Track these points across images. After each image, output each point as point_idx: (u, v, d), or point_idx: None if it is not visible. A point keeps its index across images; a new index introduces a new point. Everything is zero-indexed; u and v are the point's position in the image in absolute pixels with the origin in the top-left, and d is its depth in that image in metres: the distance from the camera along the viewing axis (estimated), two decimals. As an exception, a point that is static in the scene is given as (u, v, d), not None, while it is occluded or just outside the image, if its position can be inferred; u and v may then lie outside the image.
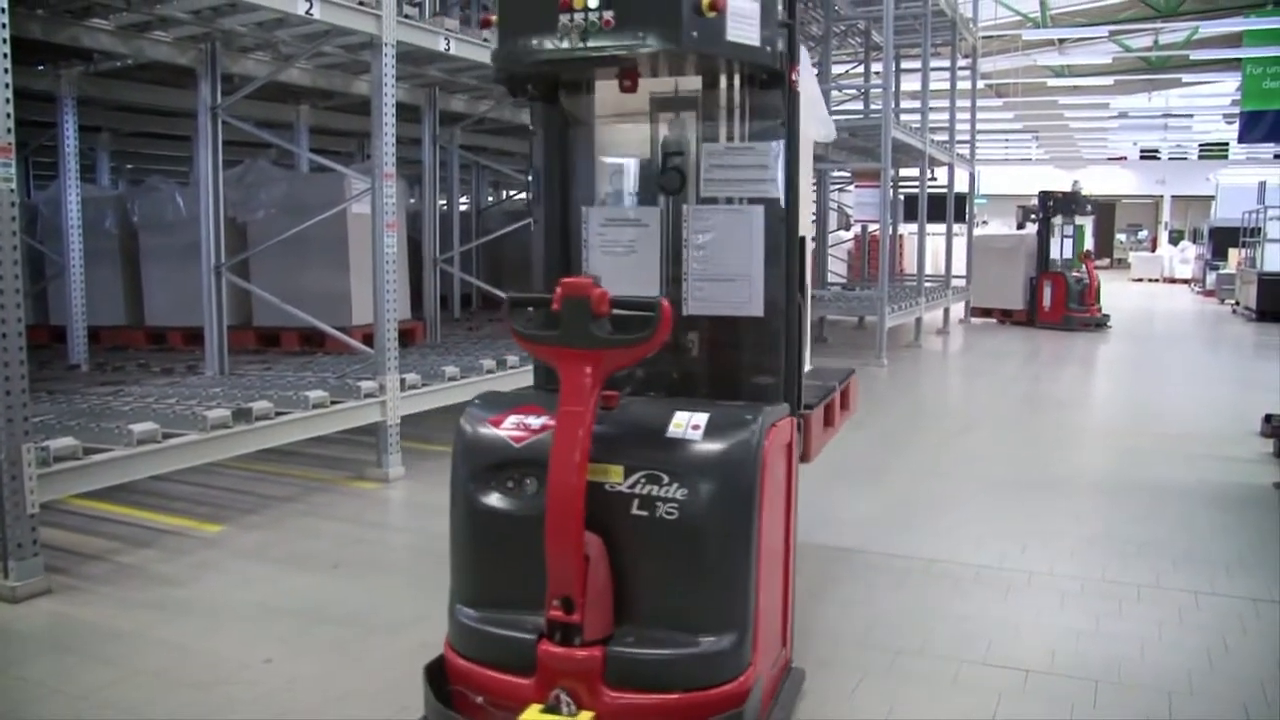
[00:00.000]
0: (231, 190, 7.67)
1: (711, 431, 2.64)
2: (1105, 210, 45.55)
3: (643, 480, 2.61)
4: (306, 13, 5.64)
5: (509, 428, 2.77)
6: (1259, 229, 20.45)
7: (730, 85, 3.03)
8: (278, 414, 5.51)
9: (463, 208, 12.65)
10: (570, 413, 2.53)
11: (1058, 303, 16.41)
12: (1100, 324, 16.29)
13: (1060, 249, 17.05)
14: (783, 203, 3.00)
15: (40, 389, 6.16)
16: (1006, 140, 40.18)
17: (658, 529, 2.59)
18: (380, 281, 6.23)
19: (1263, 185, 23.65)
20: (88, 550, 4.92)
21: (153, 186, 9.16)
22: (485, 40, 7.16)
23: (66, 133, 7.41)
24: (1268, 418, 7.66)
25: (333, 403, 5.87)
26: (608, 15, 2.48)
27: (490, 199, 15.08)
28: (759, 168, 2.99)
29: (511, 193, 15.61)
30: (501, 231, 10.51)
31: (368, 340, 6.81)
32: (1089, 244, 17.39)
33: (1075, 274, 16.60)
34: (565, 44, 2.54)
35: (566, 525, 2.49)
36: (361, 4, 5.98)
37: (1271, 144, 29.03)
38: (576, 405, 2.53)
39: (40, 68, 7.28)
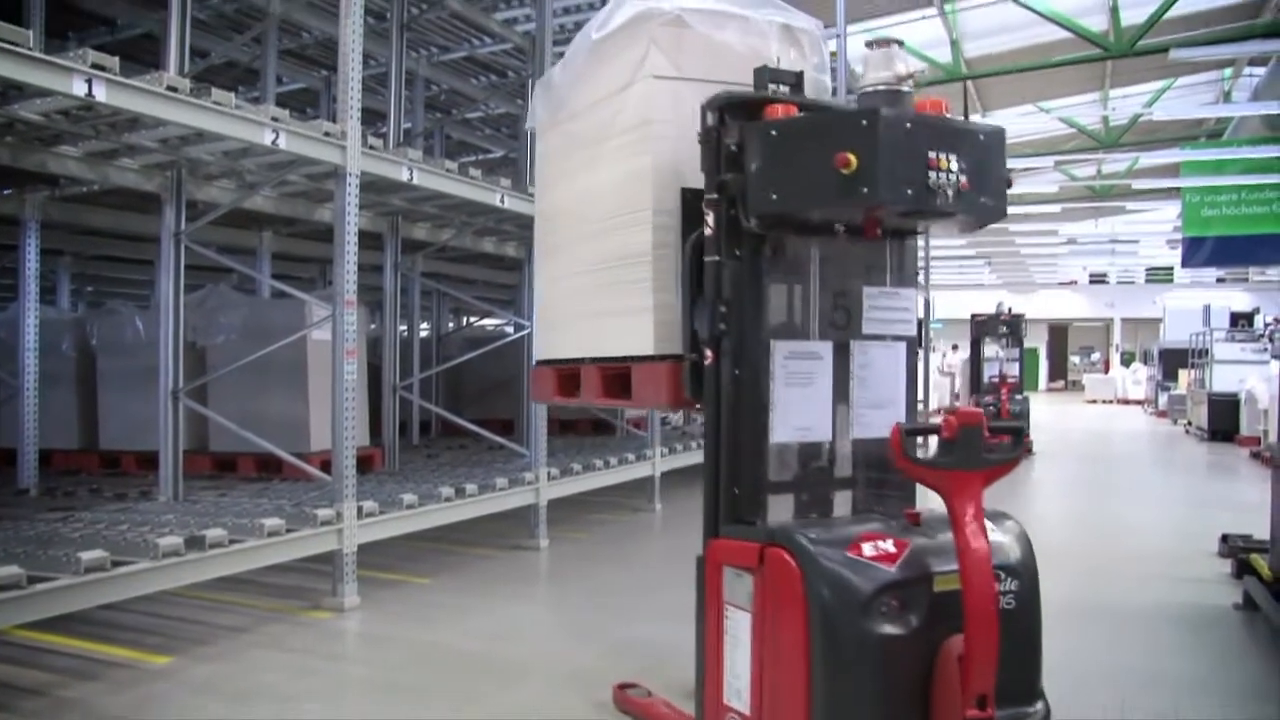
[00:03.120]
0: (192, 314, 7.67)
1: (1003, 532, 3.07)
2: (1058, 333, 46.63)
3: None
4: (272, 143, 5.74)
5: (872, 554, 2.84)
6: (1206, 350, 20.94)
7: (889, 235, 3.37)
8: (232, 541, 5.40)
9: (423, 334, 12.69)
10: (975, 528, 2.77)
11: None
12: None
13: (999, 371, 16.64)
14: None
15: (-14, 515, 6.04)
16: (960, 265, 41.12)
17: (1002, 619, 2.80)
18: (339, 408, 6.21)
19: (1207, 308, 24.34)
20: (27, 684, 4.76)
21: (112, 310, 9.13)
22: (448, 171, 7.32)
23: (28, 256, 7.40)
24: (1224, 538, 7.73)
25: (288, 530, 5.77)
26: (964, 179, 2.86)
27: (451, 325, 15.16)
28: (904, 309, 3.40)
29: (472, 319, 15.70)
30: (462, 358, 10.54)
31: (326, 467, 6.75)
32: (995, 370, 17.06)
33: (989, 399, 16.16)
34: (935, 199, 2.85)
35: (988, 627, 2.72)
36: (327, 135, 6.09)
37: (1214, 268, 29.97)
38: (977, 521, 2.79)
39: (6, 192, 7.31)
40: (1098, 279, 43.40)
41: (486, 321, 15.92)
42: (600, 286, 3.83)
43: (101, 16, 8.71)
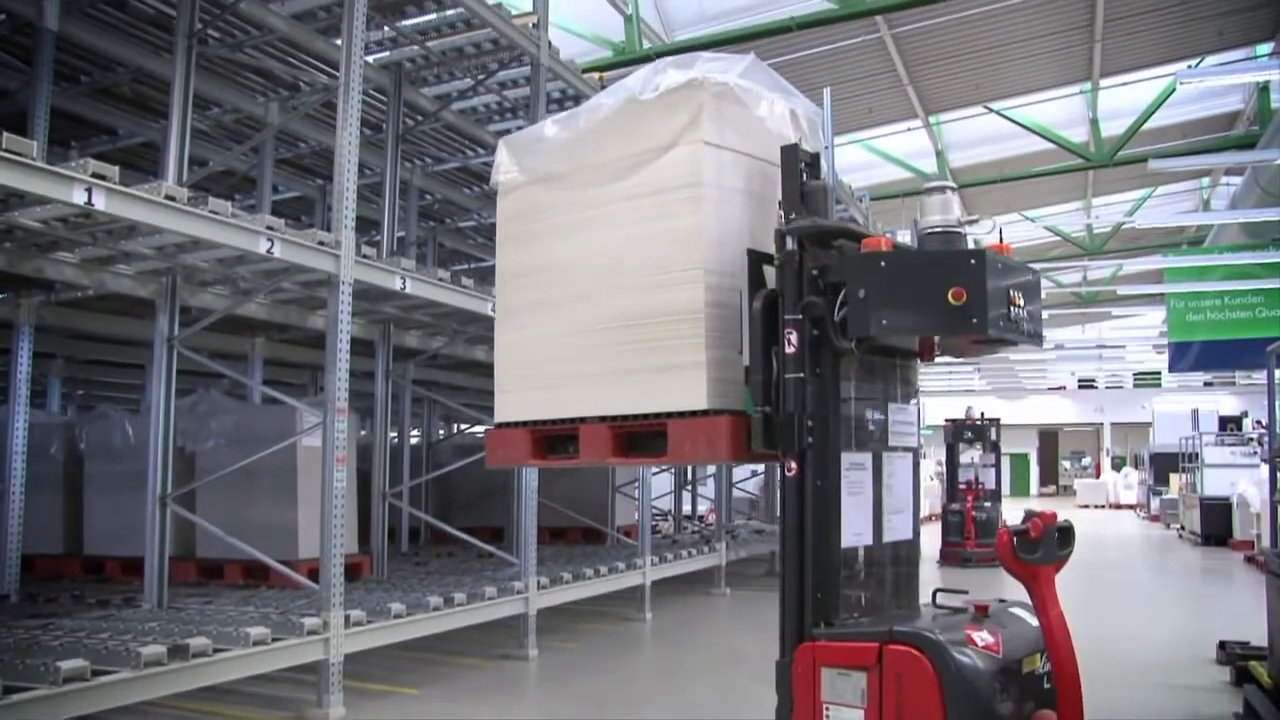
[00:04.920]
0: (182, 419, 7.65)
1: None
2: (1048, 438, 46.64)
3: (1042, 660, 3.32)
4: (267, 251, 5.81)
5: (983, 644, 3.18)
6: (1196, 454, 20.95)
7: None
8: (216, 651, 5.31)
9: (414, 441, 12.66)
10: (1059, 614, 3.28)
11: (944, 538, 15.68)
12: (969, 559, 14.82)
13: (973, 477, 16.31)
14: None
15: (-37, 623, 5.94)
16: (950, 372, 41.34)
17: (1050, 693, 3.28)
18: (328, 516, 6.17)
19: (1195, 412, 24.42)
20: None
21: (102, 413, 9.11)
22: (440, 279, 7.40)
23: (20, 359, 7.40)
24: (1222, 644, 7.64)
25: (274, 639, 5.68)
26: (1029, 311, 3.35)
27: (441, 433, 15.14)
28: (913, 423, 3.79)
29: (463, 427, 15.68)
30: (452, 466, 10.49)
31: (313, 574, 6.66)
32: (970, 476, 16.35)
33: (954, 506, 15.67)
34: (1014, 329, 3.29)
35: (1077, 699, 3.18)
36: (321, 244, 6.17)
37: (1200, 372, 30.18)
38: (1058, 607, 3.29)
39: (1, 296, 7.36)
40: (1086, 384, 43.63)
41: (477, 429, 15.90)
42: (621, 343, 3.79)
43: (103, 126, 8.89)
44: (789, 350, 3.36)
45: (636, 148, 3.80)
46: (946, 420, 17.10)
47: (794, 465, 3.38)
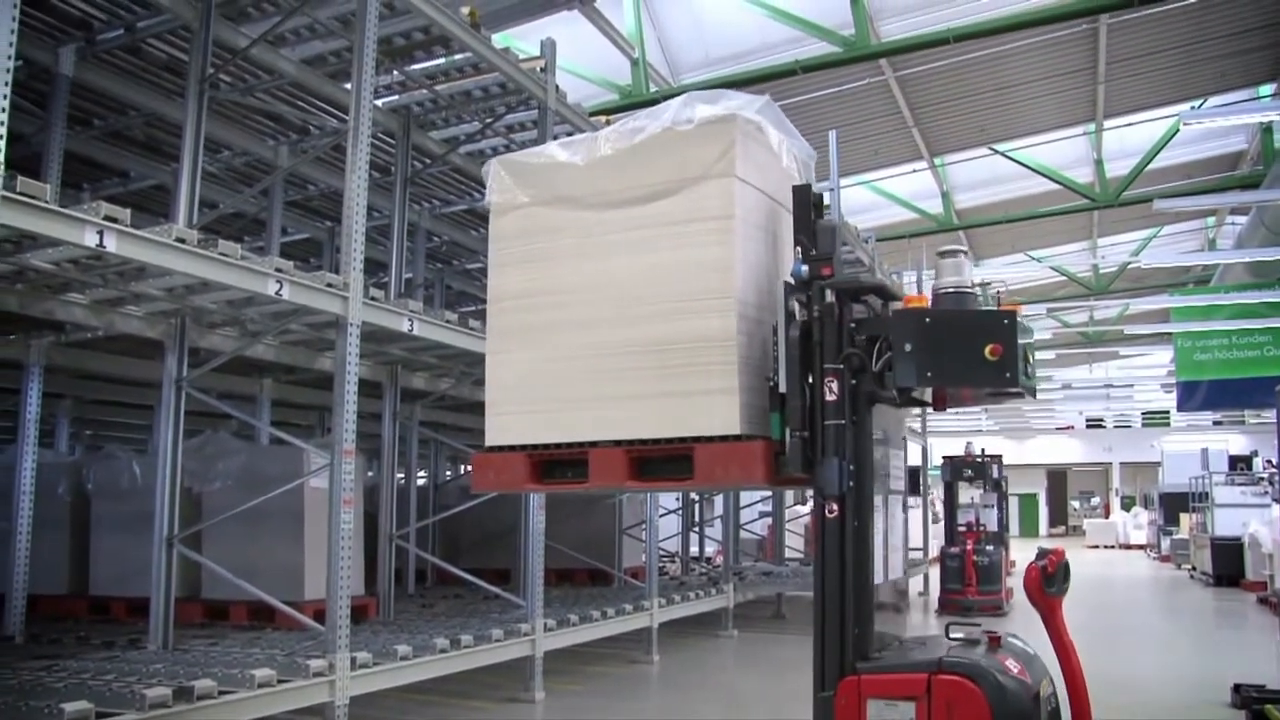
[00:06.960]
0: (189, 460, 7.65)
1: (1033, 650, 3.79)
2: (1057, 478, 46.42)
3: (1049, 683, 3.61)
4: (276, 293, 5.84)
5: (1015, 671, 3.44)
6: (1206, 494, 20.85)
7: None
8: (221, 693, 5.27)
9: (420, 482, 12.65)
10: (1071, 641, 3.71)
11: (942, 584, 14.57)
12: (970, 608, 13.43)
13: (974, 518, 15.31)
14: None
15: (-33, 664, 5.91)
16: (957, 413, 41.22)
17: (1054, 714, 3.61)
18: (335, 557, 6.15)
19: (1205, 452, 24.32)
20: None
21: (110, 454, 9.12)
22: (448, 321, 7.43)
23: (30, 400, 7.42)
24: (1237, 688, 7.56)
25: (280, 681, 5.63)
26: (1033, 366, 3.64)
27: (448, 474, 15.12)
28: (901, 468, 4.03)
29: (469, 469, 15.67)
30: (459, 508, 10.46)
31: (320, 616, 6.63)
32: (971, 517, 15.38)
33: (954, 549, 14.48)
34: (1030, 382, 3.60)
35: (1087, 713, 3.57)
36: (329, 286, 6.20)
37: (1209, 411, 30.07)
38: (1069, 635, 3.72)
39: (11, 337, 7.39)
40: (1094, 424, 43.51)
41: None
42: (639, 368, 3.77)
43: (115, 168, 8.97)
44: (829, 398, 3.52)
45: (663, 176, 3.83)
46: (944, 458, 16.31)
47: (835, 507, 3.54)
